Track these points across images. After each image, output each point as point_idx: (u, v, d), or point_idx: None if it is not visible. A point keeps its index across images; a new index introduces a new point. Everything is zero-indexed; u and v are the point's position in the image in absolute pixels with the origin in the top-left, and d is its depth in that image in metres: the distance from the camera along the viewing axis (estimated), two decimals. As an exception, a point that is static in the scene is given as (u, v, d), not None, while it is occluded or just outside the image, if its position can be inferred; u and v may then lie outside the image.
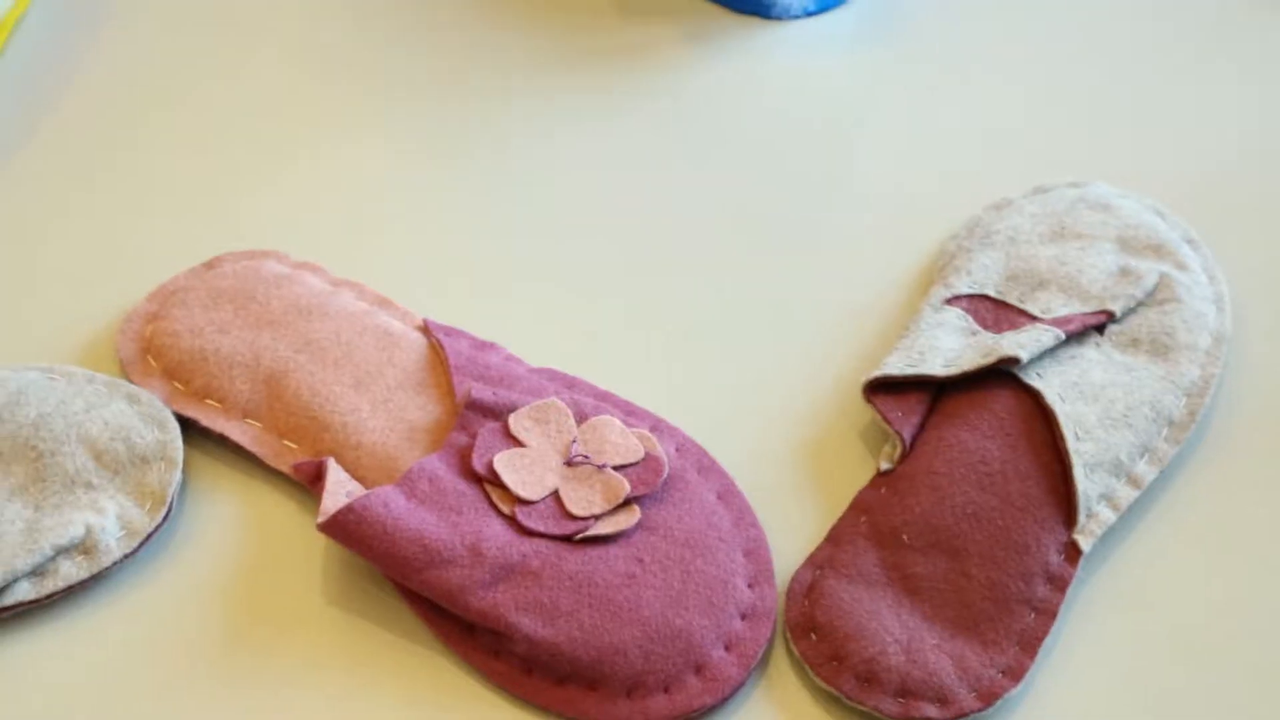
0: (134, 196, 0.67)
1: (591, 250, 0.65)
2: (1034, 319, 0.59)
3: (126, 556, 0.55)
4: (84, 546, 0.54)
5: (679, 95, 0.71)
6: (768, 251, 0.65)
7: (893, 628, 0.52)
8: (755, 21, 0.73)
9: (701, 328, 0.62)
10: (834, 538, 0.55)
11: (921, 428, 0.57)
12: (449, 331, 0.60)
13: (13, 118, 0.70)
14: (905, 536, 0.54)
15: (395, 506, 0.53)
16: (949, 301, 0.60)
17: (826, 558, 0.55)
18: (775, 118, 0.70)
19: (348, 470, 0.56)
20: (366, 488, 0.55)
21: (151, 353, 0.60)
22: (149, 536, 0.55)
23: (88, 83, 0.71)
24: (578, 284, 0.64)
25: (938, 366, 0.57)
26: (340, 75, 0.72)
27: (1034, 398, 0.57)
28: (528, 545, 0.53)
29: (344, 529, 0.53)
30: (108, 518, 0.55)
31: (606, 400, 0.58)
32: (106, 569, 0.54)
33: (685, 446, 0.57)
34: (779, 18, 0.73)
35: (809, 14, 0.73)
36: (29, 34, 0.73)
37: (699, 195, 0.67)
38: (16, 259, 0.65)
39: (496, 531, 0.53)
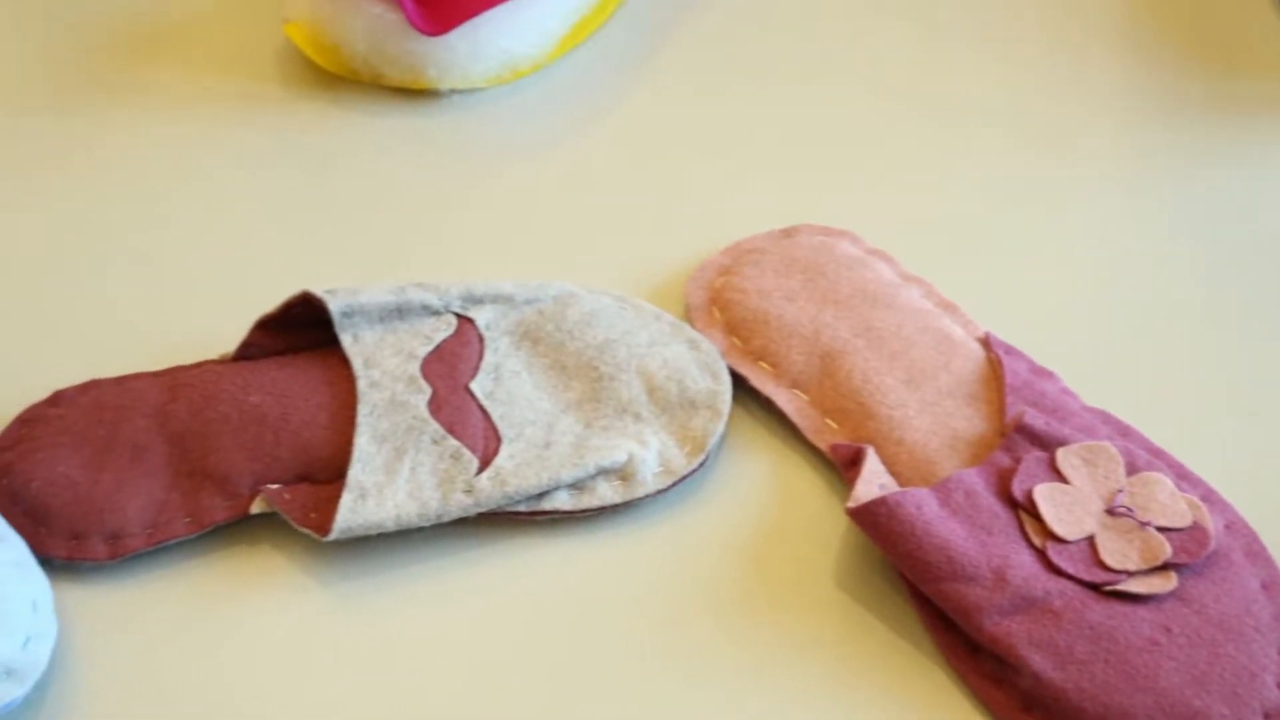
0: (728, 156, 0.69)
1: (1170, 301, 0.63)
2: None
3: (659, 492, 0.57)
4: (623, 473, 0.57)
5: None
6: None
7: None
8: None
9: (1275, 407, 0.59)
10: (1381, 661, 0.51)
11: None
12: (1009, 350, 0.59)
13: (635, 73, 0.73)
14: None
15: (928, 510, 0.53)
16: None
17: (1369, 680, 0.51)
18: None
19: (884, 463, 0.56)
20: (899, 485, 0.55)
21: (718, 304, 0.62)
22: (683, 478, 0.57)
23: (691, 47, 0.74)
24: (1146, 332, 0.62)
25: None
26: (947, 83, 0.73)
27: None
28: (1053, 583, 0.52)
29: (873, 520, 0.53)
30: (649, 451, 0.57)
31: (1160, 457, 0.56)
32: (638, 499, 0.56)
33: (1236, 525, 0.54)
34: None
35: None
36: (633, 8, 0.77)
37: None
38: (608, 192, 0.68)
39: (1024, 561, 0.52)
